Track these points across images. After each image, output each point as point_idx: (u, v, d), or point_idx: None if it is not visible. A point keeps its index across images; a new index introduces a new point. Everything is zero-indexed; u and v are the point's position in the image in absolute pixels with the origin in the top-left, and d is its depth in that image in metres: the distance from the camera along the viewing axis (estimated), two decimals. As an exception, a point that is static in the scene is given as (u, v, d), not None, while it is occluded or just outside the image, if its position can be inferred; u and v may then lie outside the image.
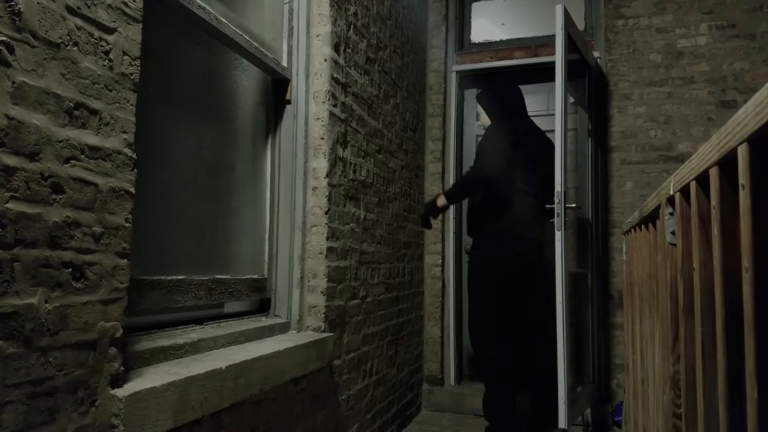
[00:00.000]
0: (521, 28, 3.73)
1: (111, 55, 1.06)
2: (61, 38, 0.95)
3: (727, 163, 0.70)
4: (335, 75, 2.15)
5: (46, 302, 0.91)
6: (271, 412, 1.63)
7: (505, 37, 3.70)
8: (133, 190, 1.11)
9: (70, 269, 0.96)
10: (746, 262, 0.60)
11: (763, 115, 0.55)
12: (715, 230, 0.74)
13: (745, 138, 0.60)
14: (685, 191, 0.95)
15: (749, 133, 0.58)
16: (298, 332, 1.97)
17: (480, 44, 3.75)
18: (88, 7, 1.01)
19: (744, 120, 0.60)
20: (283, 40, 2.05)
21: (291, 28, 2.07)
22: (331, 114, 2.11)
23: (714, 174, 0.74)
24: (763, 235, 0.59)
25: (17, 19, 0.87)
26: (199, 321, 1.61)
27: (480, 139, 2.88)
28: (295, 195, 2.04)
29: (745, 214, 0.61)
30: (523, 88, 3.76)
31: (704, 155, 0.78)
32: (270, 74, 1.97)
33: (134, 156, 1.11)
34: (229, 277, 1.71)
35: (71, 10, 0.98)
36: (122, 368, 1.08)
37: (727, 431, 0.69)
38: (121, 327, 1.07)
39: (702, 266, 0.84)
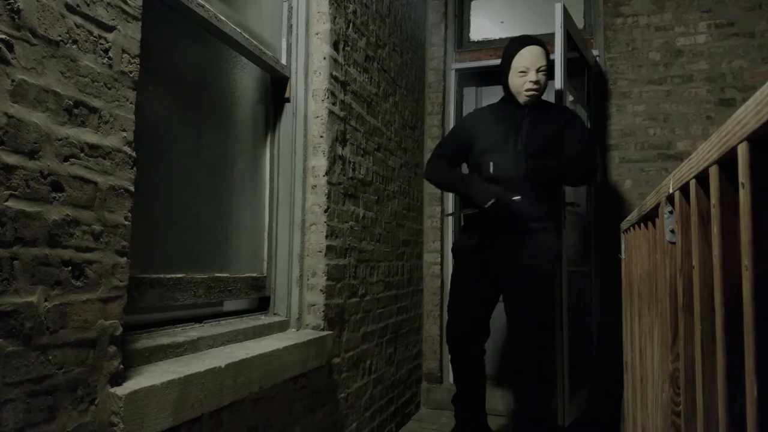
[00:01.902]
0: (520, 27, 3.72)
1: (110, 53, 1.06)
2: (60, 36, 0.95)
3: (727, 162, 0.70)
4: (334, 73, 2.15)
5: (46, 300, 0.91)
6: (271, 410, 1.63)
7: (504, 35, 3.70)
8: (132, 188, 1.11)
9: (70, 267, 0.96)
10: (746, 261, 0.60)
11: (763, 113, 0.55)
12: (715, 229, 0.74)
13: (746, 136, 0.60)
14: (684, 190, 0.95)
15: (749, 131, 0.59)
16: (297, 330, 1.98)
17: (479, 42, 3.75)
18: (87, 5, 1.01)
19: (744, 118, 0.60)
20: (282, 38, 2.05)
21: (290, 26, 2.07)
22: (330, 112, 2.11)
23: (714, 172, 0.74)
24: (763, 234, 0.59)
25: (16, 17, 0.87)
26: (199, 319, 1.61)
27: (573, 119, 2.37)
28: (294, 193, 2.03)
29: (745, 213, 0.61)
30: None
31: (704, 154, 0.78)
32: (269, 72, 1.97)
33: (134, 154, 1.11)
34: (228, 275, 1.71)
35: (70, 8, 0.97)
36: (122, 366, 1.08)
37: (726, 429, 0.69)
38: (120, 325, 1.07)
39: (701, 265, 0.84)
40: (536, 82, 2.24)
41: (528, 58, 2.25)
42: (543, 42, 2.31)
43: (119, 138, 1.08)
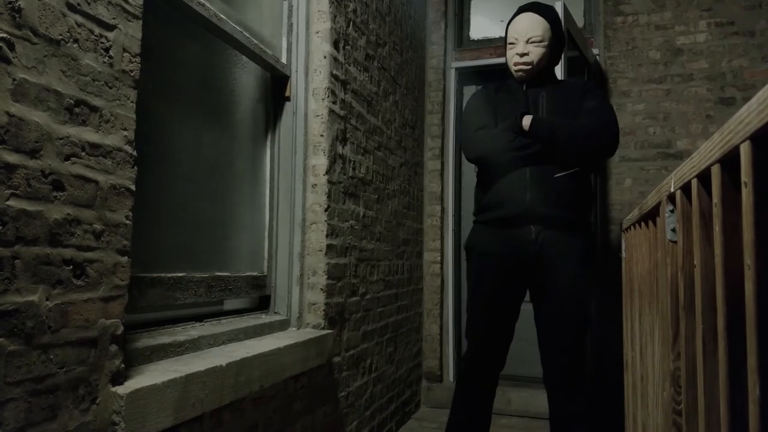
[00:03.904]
0: (520, 25, 3.72)
1: (111, 52, 1.06)
2: (61, 35, 0.95)
3: (729, 161, 0.70)
4: (335, 72, 2.15)
5: (47, 300, 0.91)
6: (271, 409, 1.63)
7: (504, 34, 3.70)
8: (133, 187, 1.11)
9: (71, 266, 0.96)
10: (748, 260, 0.60)
11: (766, 112, 0.55)
12: (717, 228, 0.74)
13: (748, 135, 0.60)
14: (686, 188, 0.95)
15: (752, 130, 0.59)
16: (297, 329, 1.98)
17: (479, 41, 3.75)
18: (88, 3, 1.01)
19: (747, 117, 0.60)
20: (283, 37, 2.05)
21: (290, 25, 2.07)
22: (331, 111, 2.11)
23: (716, 171, 0.74)
24: (765, 233, 0.59)
25: (17, 15, 0.87)
26: (199, 318, 1.61)
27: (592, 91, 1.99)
28: (294, 192, 2.03)
29: (747, 212, 0.61)
30: (522, 85, 3.78)
31: (706, 152, 0.78)
32: (269, 71, 1.97)
33: (134, 153, 1.11)
34: (228, 274, 1.71)
35: (71, 7, 0.97)
36: (123, 365, 1.08)
37: (728, 428, 0.69)
38: (121, 324, 1.07)
39: (703, 263, 0.84)
40: (521, 55, 1.90)
41: (516, 28, 1.93)
42: (544, 7, 1.94)
43: (120, 137, 1.08)
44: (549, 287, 1.92)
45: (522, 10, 1.97)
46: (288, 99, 2.03)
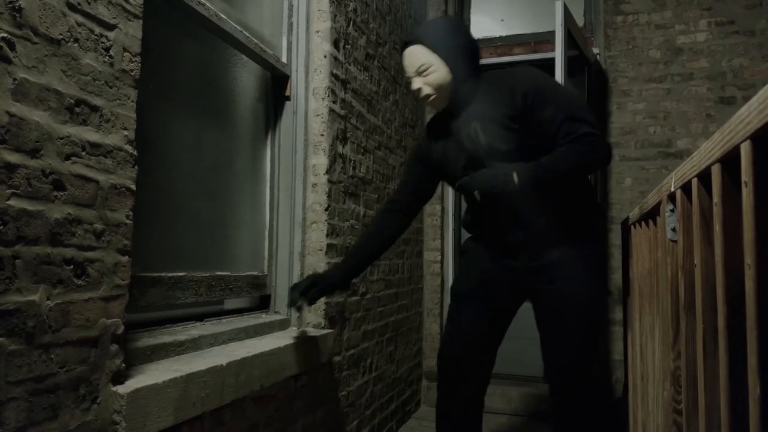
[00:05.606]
0: (520, 25, 3.72)
1: (111, 52, 1.06)
2: (61, 35, 0.95)
3: (729, 161, 0.70)
4: (335, 71, 2.15)
5: (48, 299, 0.91)
6: (272, 409, 1.63)
7: (504, 33, 3.70)
8: (134, 186, 1.11)
9: (72, 266, 0.96)
10: (749, 259, 0.61)
11: (767, 112, 0.55)
12: (717, 227, 0.74)
13: (749, 135, 0.60)
14: (686, 188, 0.95)
15: (753, 130, 0.59)
16: (298, 329, 1.98)
17: (479, 40, 3.74)
18: (89, 3, 1.01)
19: (747, 117, 0.60)
20: (283, 36, 2.05)
21: (291, 24, 2.07)
22: (331, 110, 2.11)
23: (716, 171, 0.74)
24: (765, 232, 0.60)
25: (18, 15, 0.87)
26: (200, 318, 1.61)
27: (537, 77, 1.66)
28: (294, 191, 2.03)
29: (747, 212, 0.61)
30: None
31: (706, 152, 0.78)
32: (269, 70, 1.97)
33: (135, 153, 1.11)
34: (229, 273, 1.71)
35: (72, 7, 0.97)
36: (123, 365, 1.08)
37: (728, 427, 0.69)
38: (122, 324, 1.07)
39: (703, 263, 0.84)
40: (416, 92, 1.70)
41: (406, 66, 1.73)
42: (417, 32, 1.74)
43: (120, 136, 1.08)
44: (541, 296, 1.77)
45: (402, 46, 1.76)
46: (288, 98, 2.03)
